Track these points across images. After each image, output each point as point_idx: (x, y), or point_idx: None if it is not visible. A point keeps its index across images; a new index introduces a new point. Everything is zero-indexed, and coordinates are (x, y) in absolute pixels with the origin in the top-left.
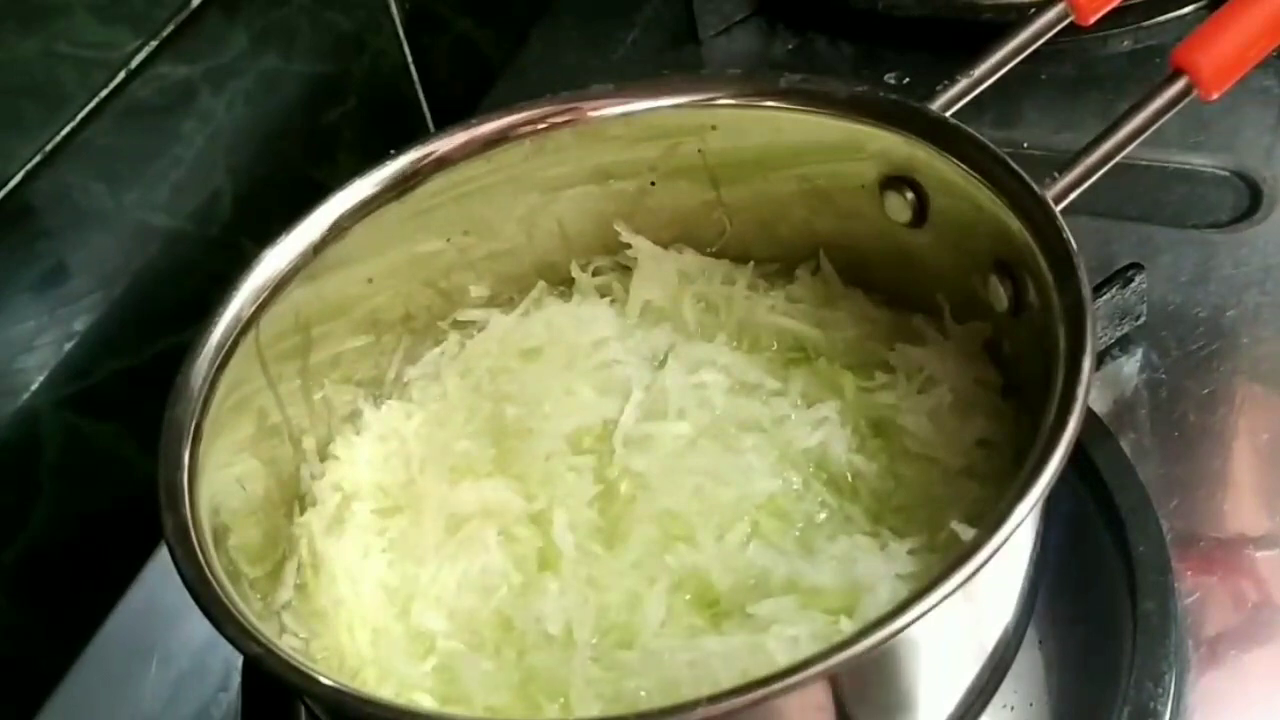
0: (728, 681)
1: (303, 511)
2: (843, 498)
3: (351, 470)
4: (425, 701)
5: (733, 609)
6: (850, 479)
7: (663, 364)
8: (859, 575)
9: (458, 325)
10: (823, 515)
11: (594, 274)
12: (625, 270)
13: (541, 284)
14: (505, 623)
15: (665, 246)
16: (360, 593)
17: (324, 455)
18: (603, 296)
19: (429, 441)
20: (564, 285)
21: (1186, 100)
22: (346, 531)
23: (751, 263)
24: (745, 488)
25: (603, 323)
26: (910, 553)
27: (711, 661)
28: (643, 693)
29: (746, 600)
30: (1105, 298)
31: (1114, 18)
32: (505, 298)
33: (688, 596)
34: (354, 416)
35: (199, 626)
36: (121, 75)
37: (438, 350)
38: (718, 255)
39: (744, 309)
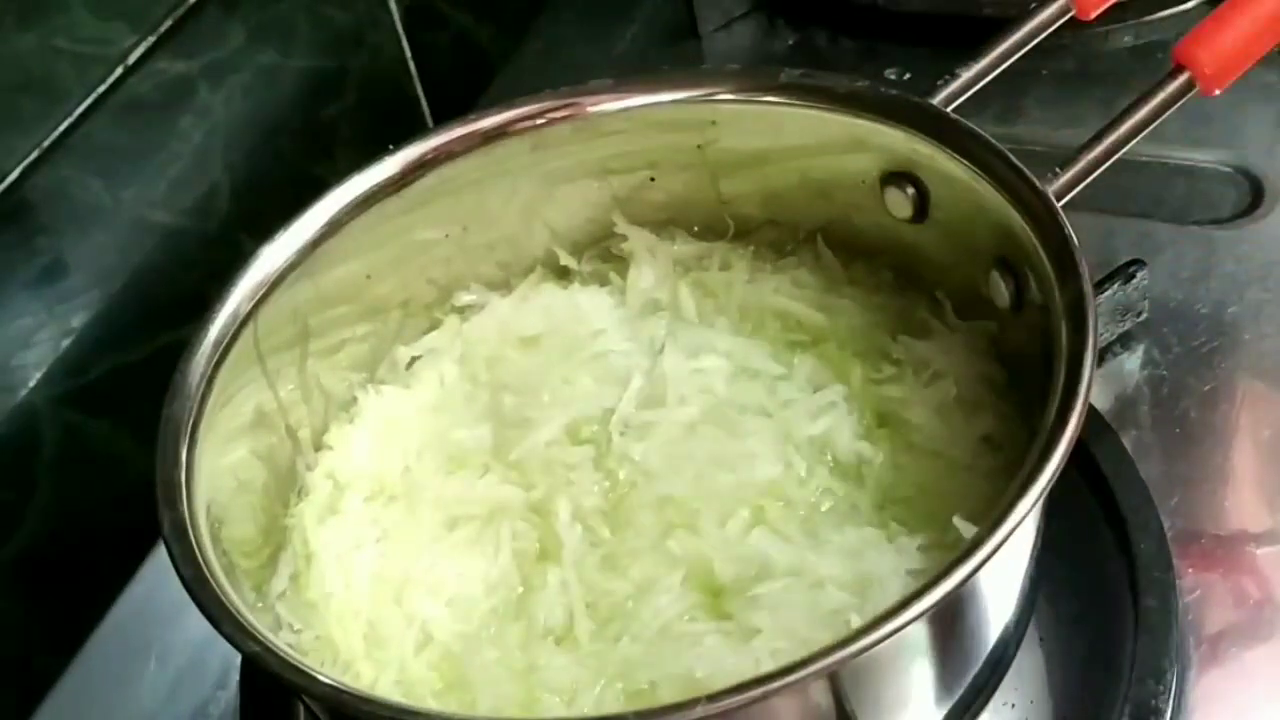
0: (731, 672)
1: (298, 502)
2: (848, 484)
3: (345, 460)
4: (425, 691)
5: (736, 597)
6: (857, 466)
7: (661, 350)
8: (868, 568)
9: (456, 310)
10: (828, 503)
11: (591, 264)
12: (623, 259)
13: (540, 269)
14: (506, 613)
15: (662, 236)
16: (351, 584)
17: (319, 445)
18: (601, 285)
19: (425, 430)
20: (563, 279)
21: (1188, 96)
22: (339, 522)
23: (751, 248)
24: (747, 473)
25: (601, 311)
26: (920, 549)
27: (715, 652)
28: (646, 684)
29: (750, 588)
30: (1107, 294)
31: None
32: (502, 279)
33: (690, 584)
34: (350, 405)
35: (197, 624)
36: (119, 71)
37: (436, 333)
38: None
39: (745, 293)
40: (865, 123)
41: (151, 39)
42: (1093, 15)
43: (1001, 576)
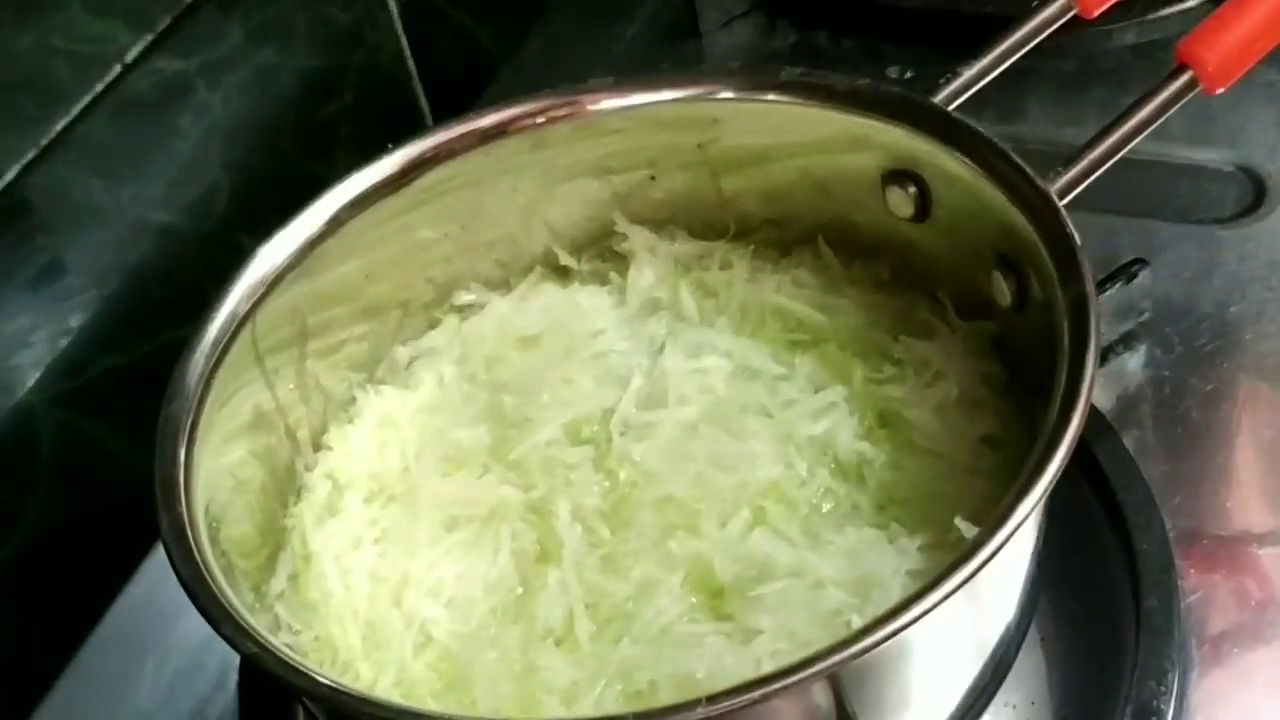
0: (732, 673)
1: (297, 503)
2: (849, 485)
3: (344, 460)
4: (424, 692)
5: (736, 598)
6: (857, 466)
7: (661, 350)
8: (868, 569)
9: (455, 310)
10: (828, 504)
11: (591, 263)
12: (623, 259)
13: (539, 269)
14: (505, 614)
15: (662, 235)
16: (350, 585)
17: (318, 445)
18: (601, 285)
19: (424, 430)
20: (563, 278)
21: (1191, 95)
22: (337, 522)
23: (751, 247)
24: (748, 474)
25: (601, 311)
26: (920, 549)
27: (716, 653)
28: (646, 685)
29: (750, 589)
30: (1109, 293)
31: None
32: (501, 279)
33: (691, 585)
34: (349, 405)
35: (195, 624)
36: (117, 70)
37: (435, 332)
38: None
39: (746, 292)
40: (866, 121)
41: (149, 38)
42: (1095, 14)
43: (1002, 577)
